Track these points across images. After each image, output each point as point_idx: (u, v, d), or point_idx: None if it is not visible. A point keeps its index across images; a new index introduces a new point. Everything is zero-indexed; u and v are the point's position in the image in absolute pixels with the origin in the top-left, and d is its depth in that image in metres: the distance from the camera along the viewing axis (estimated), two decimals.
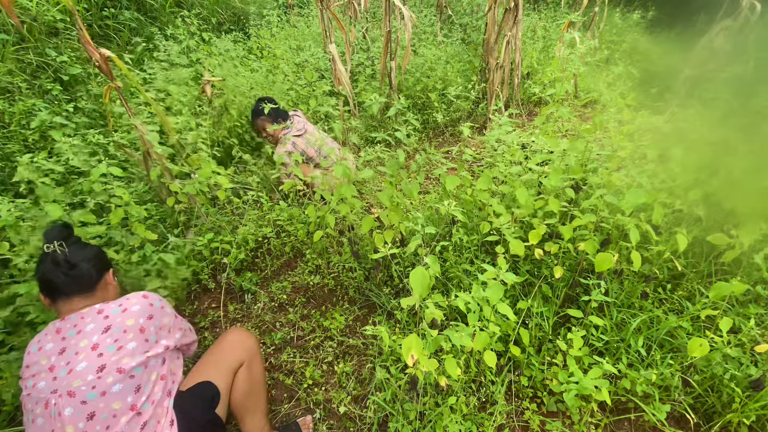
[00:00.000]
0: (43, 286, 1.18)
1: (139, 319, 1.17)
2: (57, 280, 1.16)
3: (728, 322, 1.37)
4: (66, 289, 1.18)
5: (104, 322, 1.14)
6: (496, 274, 1.35)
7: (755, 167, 1.59)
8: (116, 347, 1.11)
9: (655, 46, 4.38)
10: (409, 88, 4.00)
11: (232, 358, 1.39)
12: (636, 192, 1.47)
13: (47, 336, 1.13)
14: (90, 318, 1.15)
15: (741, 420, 1.42)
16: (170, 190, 2.25)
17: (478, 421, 1.52)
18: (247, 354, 1.43)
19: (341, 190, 1.72)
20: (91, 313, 1.16)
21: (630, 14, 5.61)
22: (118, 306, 1.19)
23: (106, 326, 1.14)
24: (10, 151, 2.43)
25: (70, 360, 1.08)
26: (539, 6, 6.44)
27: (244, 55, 4.19)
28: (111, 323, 1.14)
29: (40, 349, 1.11)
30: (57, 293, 1.18)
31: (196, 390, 1.29)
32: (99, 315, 1.16)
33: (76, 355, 1.09)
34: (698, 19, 3.78)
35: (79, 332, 1.12)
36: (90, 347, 1.10)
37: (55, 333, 1.13)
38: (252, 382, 1.42)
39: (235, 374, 1.39)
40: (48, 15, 3.18)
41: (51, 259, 1.17)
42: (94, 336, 1.11)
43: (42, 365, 1.08)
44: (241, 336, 1.47)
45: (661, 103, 2.65)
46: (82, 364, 1.07)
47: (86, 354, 1.09)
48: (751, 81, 1.80)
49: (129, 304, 1.20)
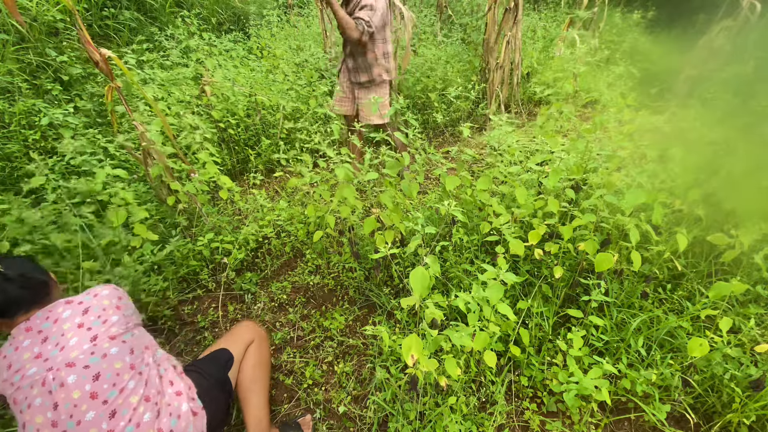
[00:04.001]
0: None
1: (112, 299, 1.22)
2: (13, 296, 1.13)
3: (728, 322, 1.37)
4: (25, 304, 1.16)
5: (80, 307, 1.17)
6: (496, 274, 1.35)
7: (755, 167, 1.59)
8: (101, 321, 1.16)
9: (655, 46, 4.38)
10: (409, 88, 4.00)
11: (245, 336, 1.54)
12: (636, 192, 1.47)
13: (17, 338, 1.12)
14: (61, 308, 1.16)
15: (741, 420, 1.42)
16: (170, 190, 2.25)
17: (478, 421, 1.52)
18: (258, 336, 1.58)
19: (342, 191, 1.72)
20: (58, 305, 1.17)
21: (630, 14, 5.61)
22: (86, 294, 1.22)
23: (84, 309, 1.16)
24: (10, 151, 2.43)
25: (59, 341, 1.10)
26: (539, 6, 6.44)
27: (244, 55, 4.19)
28: (88, 306, 1.17)
29: (16, 349, 1.10)
30: (15, 310, 1.15)
31: (212, 354, 1.45)
32: (70, 304, 1.17)
33: (62, 336, 1.11)
34: (698, 19, 3.78)
35: (55, 321, 1.13)
36: (76, 327, 1.12)
37: (26, 332, 1.12)
38: (260, 357, 1.53)
39: (247, 348, 1.52)
40: (48, 15, 3.18)
41: (7, 281, 1.14)
42: (76, 318, 1.14)
43: (26, 359, 1.08)
44: (252, 323, 1.63)
45: (661, 103, 2.65)
46: (73, 339, 1.10)
47: (74, 332, 1.11)
48: (751, 81, 1.80)
49: (96, 290, 1.23)
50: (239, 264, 2.34)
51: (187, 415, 1.21)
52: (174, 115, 2.71)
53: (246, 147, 3.23)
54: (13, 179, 2.38)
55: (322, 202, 2.10)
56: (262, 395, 1.47)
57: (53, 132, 2.60)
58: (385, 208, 1.85)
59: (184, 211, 2.43)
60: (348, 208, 1.78)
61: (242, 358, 1.50)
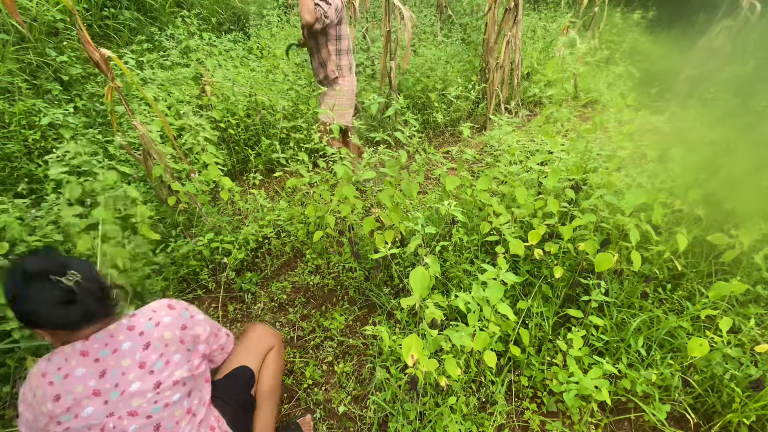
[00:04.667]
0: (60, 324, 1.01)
1: (174, 330, 1.15)
2: (91, 309, 1.02)
3: (728, 322, 1.37)
4: (97, 315, 1.05)
5: (141, 338, 1.09)
6: (496, 274, 1.35)
7: (755, 167, 1.59)
8: (163, 362, 1.09)
9: (655, 46, 4.38)
10: (409, 88, 4.00)
11: (263, 344, 1.46)
12: (636, 192, 1.47)
13: (69, 361, 1.02)
14: (122, 335, 1.08)
15: (741, 420, 1.42)
16: (171, 190, 2.25)
17: (478, 421, 1.52)
18: (276, 340, 1.52)
19: (342, 191, 1.72)
20: (121, 330, 1.08)
21: (630, 14, 5.61)
22: (148, 320, 1.13)
23: (145, 343, 1.09)
24: (10, 151, 2.43)
25: (119, 381, 1.03)
26: (539, 6, 6.44)
27: (244, 55, 4.19)
28: (149, 339, 1.10)
29: (66, 376, 1.00)
30: (85, 322, 1.04)
31: (235, 374, 1.36)
32: (132, 332, 1.09)
33: (123, 375, 1.04)
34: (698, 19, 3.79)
35: (114, 351, 1.05)
36: (137, 366, 1.06)
37: (80, 356, 1.02)
38: (279, 367, 1.48)
39: (266, 356, 1.45)
40: (48, 15, 3.18)
41: (80, 290, 1.00)
42: (136, 354, 1.07)
43: (79, 392, 1.00)
44: (267, 327, 1.57)
45: (661, 103, 2.65)
46: (135, 384, 1.05)
47: (135, 373, 1.05)
48: (751, 81, 1.80)
49: (158, 316, 1.15)
50: (239, 264, 2.34)
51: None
52: (174, 115, 2.71)
53: (246, 147, 3.23)
54: (13, 179, 2.38)
55: (322, 201, 2.10)
56: (274, 405, 1.43)
57: (53, 132, 2.60)
58: (385, 208, 1.85)
59: (184, 211, 2.43)
60: (348, 206, 1.78)
61: (260, 366, 1.43)
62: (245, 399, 1.34)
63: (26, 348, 1.59)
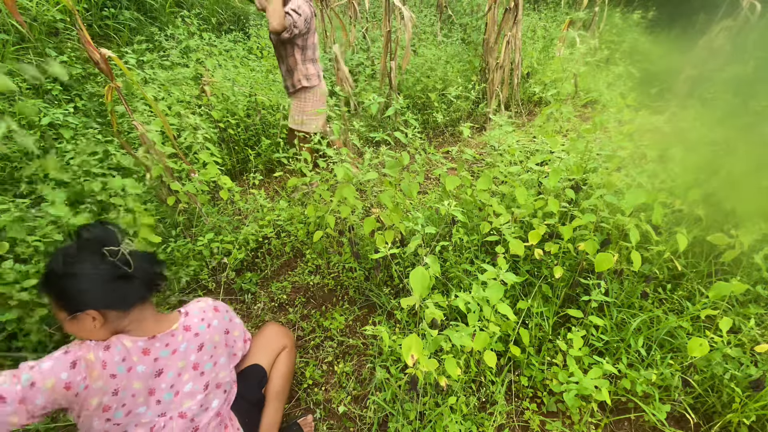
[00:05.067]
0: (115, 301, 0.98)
1: (222, 334, 1.19)
2: (141, 282, 1.01)
3: (728, 322, 1.37)
4: (145, 294, 1.03)
5: (196, 339, 1.11)
6: (496, 274, 1.35)
7: (755, 167, 1.59)
8: (212, 363, 1.13)
9: (655, 46, 4.38)
10: (409, 88, 4.00)
11: (276, 344, 1.47)
12: (636, 192, 1.47)
13: (132, 357, 0.99)
14: (181, 336, 1.09)
15: (741, 420, 1.42)
16: (170, 190, 2.25)
17: (478, 421, 1.52)
18: (289, 341, 1.53)
19: (342, 192, 1.72)
20: (180, 330, 1.10)
21: (630, 14, 5.61)
22: (201, 321, 1.15)
23: (199, 344, 1.11)
24: (10, 151, 2.43)
25: (174, 383, 1.05)
26: (539, 6, 6.44)
27: (244, 55, 4.19)
28: (203, 341, 1.12)
29: (129, 370, 0.98)
30: (134, 302, 1.01)
31: (248, 372, 1.37)
32: (188, 332, 1.11)
33: (179, 376, 1.05)
34: (698, 19, 3.78)
35: (174, 352, 1.06)
36: (191, 367, 1.08)
37: (142, 354, 1.01)
38: (290, 367, 1.49)
39: (277, 356, 1.46)
40: (48, 15, 3.18)
41: (135, 259, 0.99)
42: (192, 356, 1.09)
43: (136, 389, 0.99)
44: (281, 327, 1.58)
45: (661, 103, 2.65)
46: (188, 386, 1.07)
47: (189, 374, 1.07)
48: (751, 81, 1.80)
49: (209, 318, 1.17)
50: (239, 264, 2.34)
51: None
52: (174, 115, 2.71)
53: (246, 147, 3.23)
54: (13, 179, 2.38)
55: (322, 201, 2.10)
56: (281, 406, 1.44)
57: (53, 132, 2.60)
58: (385, 208, 1.85)
59: (184, 211, 2.43)
60: (348, 207, 1.78)
61: (272, 366, 1.45)
62: (256, 398, 1.35)
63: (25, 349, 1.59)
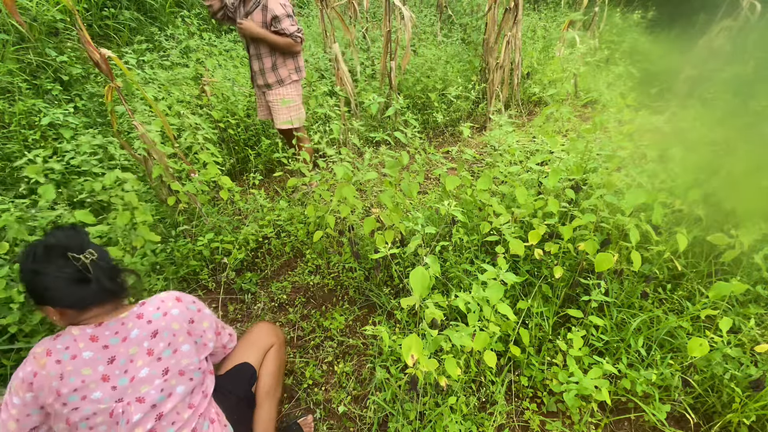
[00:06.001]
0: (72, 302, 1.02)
1: (182, 323, 1.16)
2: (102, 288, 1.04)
3: (728, 322, 1.37)
4: (108, 296, 1.07)
5: (149, 327, 1.10)
6: (496, 274, 1.35)
7: (755, 167, 1.59)
8: (171, 350, 1.11)
9: (655, 46, 4.37)
10: (409, 88, 4.00)
11: (264, 341, 1.48)
12: (636, 192, 1.47)
13: (78, 343, 1.02)
14: (132, 323, 1.09)
15: (741, 420, 1.42)
16: (171, 190, 2.25)
17: (478, 421, 1.52)
18: (277, 339, 1.53)
19: (342, 192, 1.72)
20: (131, 318, 1.10)
21: (630, 14, 5.61)
22: (156, 309, 1.14)
23: (153, 331, 1.10)
24: (10, 151, 2.43)
25: (128, 368, 1.05)
26: (539, 6, 6.45)
27: (244, 55, 4.19)
28: (157, 327, 1.11)
29: (74, 357, 1.01)
30: (96, 301, 1.05)
31: (237, 370, 1.37)
32: (141, 320, 1.10)
33: (132, 362, 1.05)
34: (698, 19, 3.78)
35: (124, 339, 1.06)
36: (145, 353, 1.07)
37: (90, 341, 1.03)
38: (279, 365, 1.49)
39: (266, 354, 1.47)
40: (48, 15, 3.18)
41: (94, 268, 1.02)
42: (144, 342, 1.08)
43: (86, 375, 1.01)
44: (270, 325, 1.59)
45: (661, 103, 2.65)
46: (143, 371, 1.06)
47: (143, 360, 1.07)
48: (751, 81, 1.80)
49: (166, 307, 1.16)
50: (239, 264, 2.34)
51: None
52: (174, 115, 2.71)
53: (246, 147, 3.23)
54: (13, 179, 2.38)
55: (322, 201, 2.11)
56: (274, 405, 1.43)
57: (53, 132, 2.60)
58: (385, 208, 1.85)
59: (184, 211, 2.43)
60: (348, 207, 1.78)
61: (261, 364, 1.45)
62: (245, 394, 1.35)
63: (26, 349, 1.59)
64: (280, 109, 2.62)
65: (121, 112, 2.48)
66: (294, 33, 2.37)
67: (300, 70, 2.63)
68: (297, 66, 2.60)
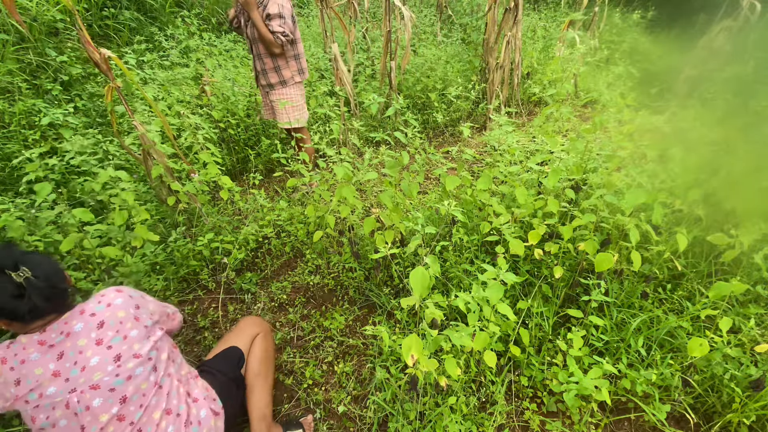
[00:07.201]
0: (10, 315, 1.06)
1: (128, 309, 1.18)
2: (38, 305, 1.06)
3: (728, 322, 1.37)
4: (46, 313, 1.10)
5: (93, 319, 1.12)
6: (496, 274, 1.35)
7: (755, 167, 1.59)
8: (121, 336, 1.13)
9: (655, 46, 4.38)
10: (409, 88, 4.00)
11: (250, 330, 1.58)
12: (636, 192, 1.47)
13: (26, 349, 1.07)
14: (75, 320, 1.11)
15: (741, 420, 1.42)
16: (170, 190, 2.25)
17: (478, 421, 1.52)
18: (263, 329, 1.62)
19: (341, 192, 1.72)
20: (74, 315, 1.12)
21: (630, 14, 5.61)
22: (97, 303, 1.16)
23: (99, 322, 1.12)
24: (10, 151, 2.43)
25: (78, 360, 1.07)
26: (539, 6, 6.45)
27: (244, 55, 4.19)
28: (102, 318, 1.12)
29: (23, 362, 1.05)
30: (32, 318, 1.08)
31: (225, 353, 1.48)
32: (83, 315, 1.12)
33: (81, 353, 1.07)
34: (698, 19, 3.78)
35: (68, 335, 1.09)
36: (93, 343, 1.09)
37: (37, 344, 1.07)
38: (266, 349, 1.56)
39: (253, 341, 1.56)
40: (48, 15, 3.18)
41: (28, 286, 1.05)
42: (92, 333, 1.10)
43: (39, 375, 1.04)
44: (255, 317, 1.69)
45: (661, 103, 2.65)
46: (94, 359, 1.07)
47: (92, 350, 1.08)
48: (750, 81, 1.80)
49: (108, 299, 1.17)
50: (239, 264, 2.34)
51: (207, 420, 1.22)
52: (174, 115, 2.71)
53: (246, 147, 3.23)
54: (13, 179, 2.38)
55: (322, 201, 2.10)
56: (265, 390, 1.47)
57: (53, 132, 2.60)
58: (385, 208, 1.85)
59: (184, 211, 2.43)
60: (348, 207, 1.78)
61: (248, 351, 1.52)
62: (234, 375, 1.44)
63: None
64: (284, 109, 2.68)
65: (121, 112, 2.47)
66: (276, 32, 2.39)
67: (303, 72, 2.67)
68: (300, 68, 2.65)
